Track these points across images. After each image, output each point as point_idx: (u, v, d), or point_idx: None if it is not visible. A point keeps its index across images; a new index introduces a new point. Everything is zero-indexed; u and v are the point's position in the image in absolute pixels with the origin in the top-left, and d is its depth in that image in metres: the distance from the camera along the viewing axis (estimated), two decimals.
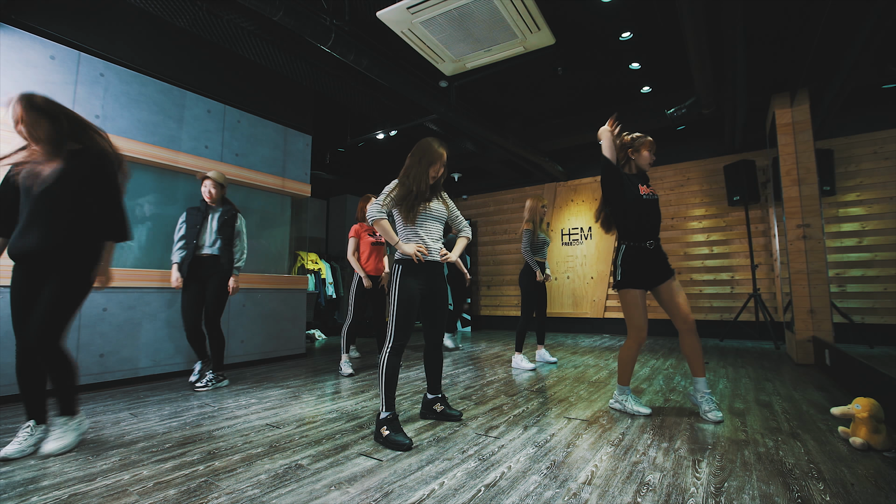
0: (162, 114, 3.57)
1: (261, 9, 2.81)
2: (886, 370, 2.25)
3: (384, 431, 1.92)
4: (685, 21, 3.03)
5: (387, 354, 2.01)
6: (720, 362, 3.95)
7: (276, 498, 1.43)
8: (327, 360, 4.39)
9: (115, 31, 3.36)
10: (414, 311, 2.07)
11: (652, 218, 2.37)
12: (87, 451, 1.87)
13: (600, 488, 1.49)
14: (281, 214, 4.59)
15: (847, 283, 4.83)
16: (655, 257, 2.35)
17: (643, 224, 2.35)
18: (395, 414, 1.97)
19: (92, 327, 3.06)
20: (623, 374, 2.39)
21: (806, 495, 1.42)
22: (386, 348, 2.02)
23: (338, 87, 4.48)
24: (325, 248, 7.83)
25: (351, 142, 6.00)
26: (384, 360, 2.00)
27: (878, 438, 1.79)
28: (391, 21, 3.19)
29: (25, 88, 2.86)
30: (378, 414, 1.99)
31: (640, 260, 2.33)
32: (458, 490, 1.48)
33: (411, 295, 2.05)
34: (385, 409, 1.96)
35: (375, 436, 1.97)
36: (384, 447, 1.90)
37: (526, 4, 3.03)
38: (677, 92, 4.95)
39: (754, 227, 5.64)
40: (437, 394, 2.33)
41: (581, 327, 6.81)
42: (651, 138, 2.44)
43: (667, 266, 2.36)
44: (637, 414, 2.32)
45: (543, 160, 6.26)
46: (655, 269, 2.34)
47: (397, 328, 2.02)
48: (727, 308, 5.71)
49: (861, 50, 3.24)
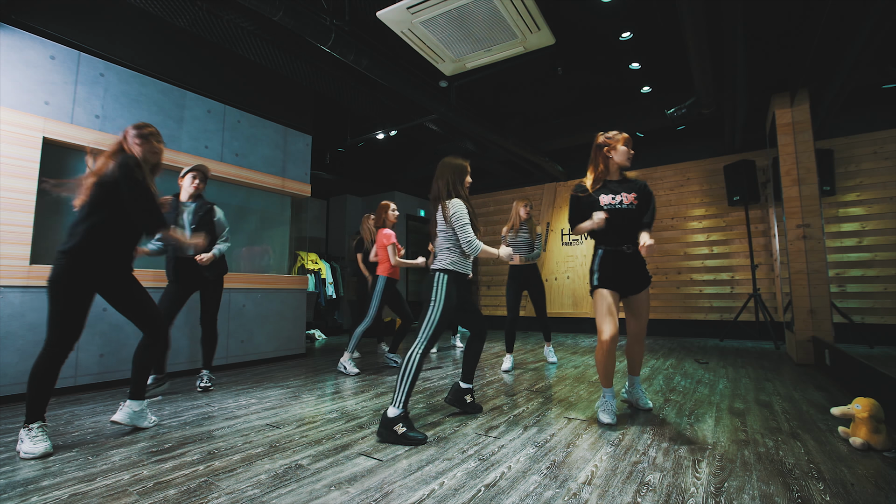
0: (162, 114, 3.57)
1: (261, 9, 2.81)
2: (886, 370, 2.25)
3: (399, 429, 1.94)
4: (685, 21, 3.03)
5: (418, 355, 2.05)
6: (720, 362, 3.95)
7: (276, 498, 1.43)
8: (327, 360, 4.39)
9: (115, 31, 3.36)
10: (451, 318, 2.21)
11: (624, 225, 2.27)
12: (87, 451, 1.87)
13: (600, 488, 1.49)
14: (281, 214, 4.59)
15: (847, 283, 4.83)
16: (633, 263, 2.28)
17: (615, 231, 2.27)
18: (407, 411, 2.01)
19: (92, 327, 3.05)
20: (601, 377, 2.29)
21: (806, 495, 1.42)
22: (419, 349, 2.06)
23: (338, 87, 4.48)
24: (325, 248, 7.83)
25: (351, 142, 6.00)
26: (414, 360, 2.04)
27: (878, 438, 1.79)
28: (391, 21, 3.19)
29: (25, 88, 2.87)
30: (385, 412, 1.99)
31: (616, 264, 2.27)
32: (458, 490, 1.48)
33: (454, 304, 2.19)
34: (402, 407, 1.98)
35: (384, 434, 1.96)
36: (396, 444, 1.92)
37: (526, 4, 3.03)
38: (677, 92, 4.95)
39: (754, 227, 5.64)
40: (470, 384, 2.45)
41: (581, 327, 6.82)
42: (626, 134, 2.34)
43: (644, 274, 2.31)
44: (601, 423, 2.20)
45: (543, 160, 6.26)
46: (632, 276, 2.28)
47: (435, 332, 2.12)
48: (727, 308, 5.71)
49: (861, 50, 3.24)
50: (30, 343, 2.76)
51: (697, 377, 3.32)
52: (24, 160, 2.81)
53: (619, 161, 2.32)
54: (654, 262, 6.29)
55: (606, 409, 2.23)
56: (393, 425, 1.95)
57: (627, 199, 2.27)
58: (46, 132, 2.93)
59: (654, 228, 6.35)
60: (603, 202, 2.28)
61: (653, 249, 2.16)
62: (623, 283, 2.27)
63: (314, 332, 6.28)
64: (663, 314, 6.19)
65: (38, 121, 2.90)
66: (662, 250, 6.27)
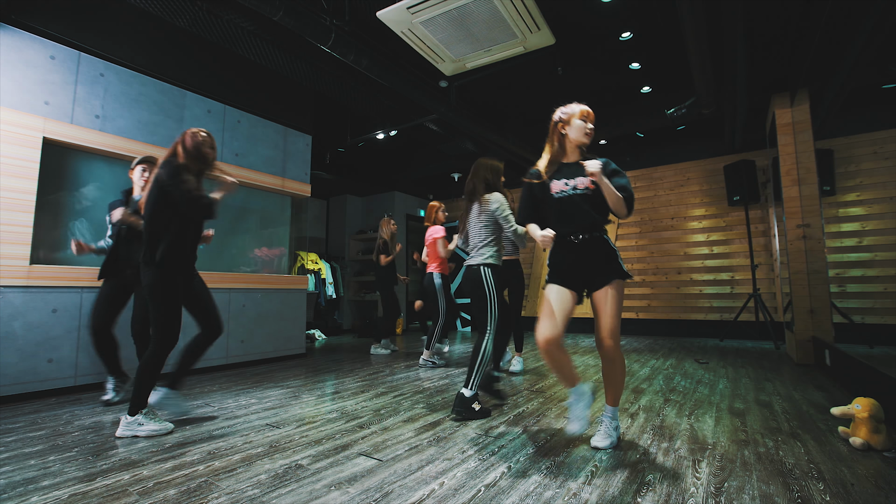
0: (162, 114, 3.57)
1: (261, 9, 2.81)
2: (886, 370, 2.25)
3: (476, 406, 2.30)
4: (685, 21, 3.03)
5: (490, 343, 2.37)
6: (720, 362, 3.95)
7: (276, 498, 1.43)
8: (327, 360, 4.39)
9: (115, 31, 3.35)
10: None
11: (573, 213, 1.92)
12: (86, 451, 1.87)
13: (600, 488, 1.49)
14: (281, 214, 4.59)
15: (847, 283, 4.83)
16: (588, 254, 1.90)
17: (563, 220, 1.94)
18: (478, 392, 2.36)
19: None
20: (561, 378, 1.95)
21: (806, 495, 1.42)
22: (489, 338, 2.38)
23: (338, 87, 4.47)
24: (325, 248, 7.83)
25: (351, 142, 5.99)
26: (488, 349, 2.36)
27: (878, 438, 1.79)
28: (391, 21, 3.19)
29: (25, 88, 2.87)
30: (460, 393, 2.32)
31: (567, 256, 1.93)
32: (458, 490, 1.48)
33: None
34: (475, 388, 2.31)
35: (462, 412, 2.27)
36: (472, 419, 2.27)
37: (526, 4, 3.03)
38: (677, 92, 4.95)
39: (754, 227, 5.64)
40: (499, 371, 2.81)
41: (581, 327, 6.81)
42: (586, 107, 1.97)
43: (607, 267, 1.89)
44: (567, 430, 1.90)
45: None
46: (587, 269, 1.90)
47: (499, 321, 2.43)
48: (727, 308, 5.71)
49: (861, 50, 3.24)
50: (30, 343, 2.76)
51: (697, 377, 3.32)
52: (24, 160, 2.81)
53: (575, 139, 1.95)
54: (655, 262, 6.29)
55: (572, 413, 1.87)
56: (470, 403, 2.28)
57: (583, 184, 1.90)
58: (46, 132, 2.93)
59: (655, 228, 6.36)
60: (555, 189, 1.93)
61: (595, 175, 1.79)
62: (576, 278, 1.91)
63: (314, 332, 6.28)
64: (663, 314, 6.19)
65: (38, 121, 2.90)
66: (662, 250, 6.27)
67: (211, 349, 3.77)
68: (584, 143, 1.95)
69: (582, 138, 1.93)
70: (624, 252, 6.56)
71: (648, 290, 6.32)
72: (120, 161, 3.37)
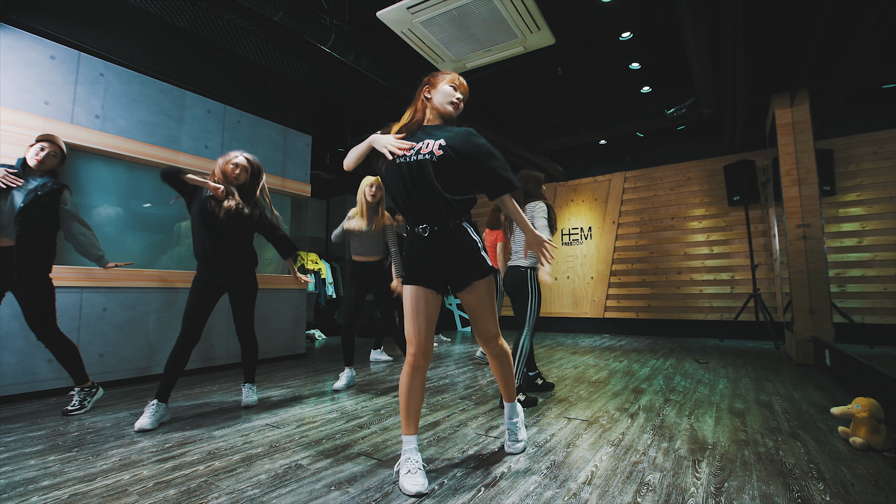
0: (162, 114, 3.57)
1: (261, 9, 2.81)
2: (886, 370, 2.25)
3: (520, 397, 2.47)
4: (685, 21, 3.03)
5: (528, 340, 2.60)
6: (720, 362, 3.95)
7: (276, 498, 1.43)
8: (327, 360, 4.39)
9: (115, 31, 3.35)
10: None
11: (418, 189, 1.56)
12: (87, 451, 1.87)
13: (600, 488, 1.49)
14: (281, 214, 4.59)
15: (847, 283, 4.83)
16: (442, 248, 1.59)
17: (409, 202, 1.59)
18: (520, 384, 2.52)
19: (92, 327, 3.06)
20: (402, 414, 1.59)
21: (806, 495, 1.42)
22: (529, 333, 2.60)
23: (338, 87, 4.47)
24: (325, 248, 7.83)
25: (351, 142, 6.00)
26: (527, 345, 2.58)
27: (878, 438, 1.79)
28: (391, 21, 3.19)
29: (25, 88, 2.87)
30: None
31: (417, 250, 1.63)
32: (458, 490, 1.48)
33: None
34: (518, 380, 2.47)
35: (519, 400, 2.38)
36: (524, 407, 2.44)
37: (526, 4, 3.03)
38: (677, 92, 4.95)
39: (754, 227, 5.64)
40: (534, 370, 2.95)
41: (581, 327, 6.82)
42: (462, 80, 1.71)
43: (467, 262, 1.60)
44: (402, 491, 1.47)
45: (543, 160, 6.25)
46: (443, 266, 1.61)
47: (537, 320, 2.68)
48: (727, 308, 5.71)
49: (861, 50, 3.24)
50: (30, 343, 2.76)
51: (697, 377, 3.32)
52: None
53: (438, 106, 1.68)
54: (655, 262, 6.29)
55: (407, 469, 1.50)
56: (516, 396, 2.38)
57: (427, 149, 1.56)
58: (46, 132, 2.92)
59: (655, 228, 6.34)
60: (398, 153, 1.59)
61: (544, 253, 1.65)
62: (432, 276, 1.62)
63: (314, 332, 6.28)
64: (663, 314, 6.19)
65: (38, 121, 2.90)
66: (662, 250, 6.27)
67: (211, 349, 3.79)
68: (450, 112, 1.68)
69: (447, 107, 1.67)
70: (624, 252, 6.57)
71: (648, 290, 6.32)
72: (120, 161, 3.37)
